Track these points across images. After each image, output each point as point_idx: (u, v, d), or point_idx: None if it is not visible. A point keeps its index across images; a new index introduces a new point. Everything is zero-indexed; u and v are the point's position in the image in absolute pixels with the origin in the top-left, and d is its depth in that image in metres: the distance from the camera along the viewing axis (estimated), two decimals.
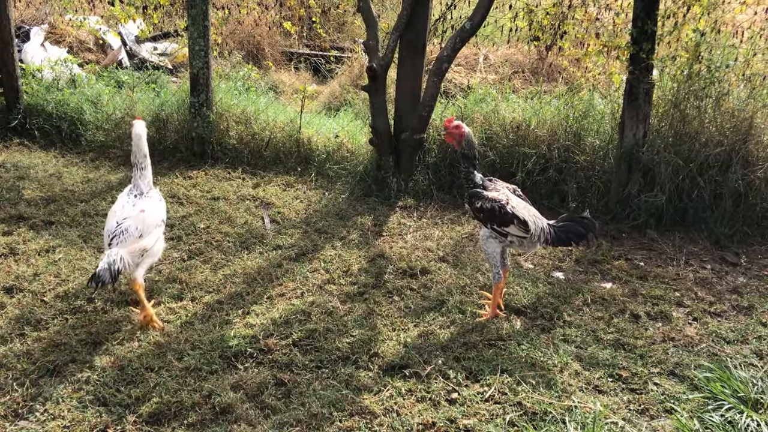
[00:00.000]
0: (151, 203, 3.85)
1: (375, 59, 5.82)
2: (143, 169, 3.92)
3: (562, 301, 4.29)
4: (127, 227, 3.65)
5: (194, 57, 6.61)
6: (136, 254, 3.69)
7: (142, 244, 3.70)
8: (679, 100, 5.43)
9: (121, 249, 3.60)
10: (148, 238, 3.74)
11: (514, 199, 3.97)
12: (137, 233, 3.67)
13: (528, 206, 4.01)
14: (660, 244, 5.27)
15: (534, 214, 3.97)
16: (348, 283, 4.41)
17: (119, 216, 3.71)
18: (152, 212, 3.81)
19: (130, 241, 3.64)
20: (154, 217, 3.82)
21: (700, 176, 5.42)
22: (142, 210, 3.75)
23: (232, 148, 6.72)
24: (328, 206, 5.76)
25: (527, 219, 3.88)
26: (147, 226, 3.73)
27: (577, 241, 3.96)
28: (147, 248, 3.74)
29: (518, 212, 3.89)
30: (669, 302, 4.37)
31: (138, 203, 3.79)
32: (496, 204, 3.88)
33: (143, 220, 3.72)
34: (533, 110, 5.99)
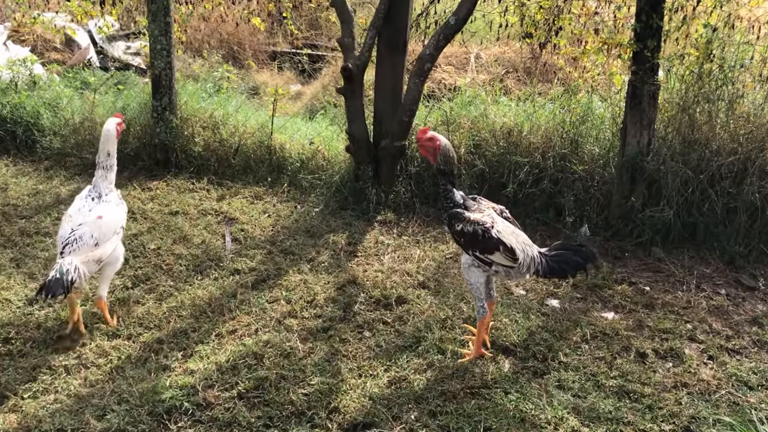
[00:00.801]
0: (109, 208, 3.58)
1: (351, 59, 5.25)
2: (105, 169, 3.65)
3: (557, 337, 3.72)
4: (81, 234, 3.41)
5: (156, 56, 6.03)
6: (91, 263, 3.44)
7: (98, 253, 3.45)
8: (687, 104, 4.86)
9: (75, 257, 3.35)
10: (106, 246, 3.49)
11: (500, 222, 3.42)
12: (92, 241, 3.43)
13: (516, 231, 3.46)
14: (667, 264, 4.70)
15: (523, 240, 3.43)
16: (312, 316, 3.84)
17: (74, 221, 3.47)
18: (110, 218, 3.54)
19: (84, 249, 3.39)
20: (112, 223, 3.55)
21: (712, 188, 4.86)
22: (100, 216, 3.49)
23: (197, 155, 6.14)
24: (298, 222, 5.19)
25: (515, 246, 3.33)
26: (104, 234, 3.48)
27: (573, 272, 3.41)
28: (103, 258, 3.49)
29: (504, 238, 3.34)
30: (680, 336, 3.81)
31: (95, 208, 3.53)
32: (479, 227, 3.33)
33: (100, 227, 3.47)
34: (526, 114, 5.43)
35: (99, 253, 3.46)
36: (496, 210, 3.52)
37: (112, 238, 3.54)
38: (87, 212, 3.51)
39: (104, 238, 3.48)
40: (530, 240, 3.50)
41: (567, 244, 3.50)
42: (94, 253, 3.43)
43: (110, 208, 3.59)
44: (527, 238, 3.47)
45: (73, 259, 3.34)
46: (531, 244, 3.45)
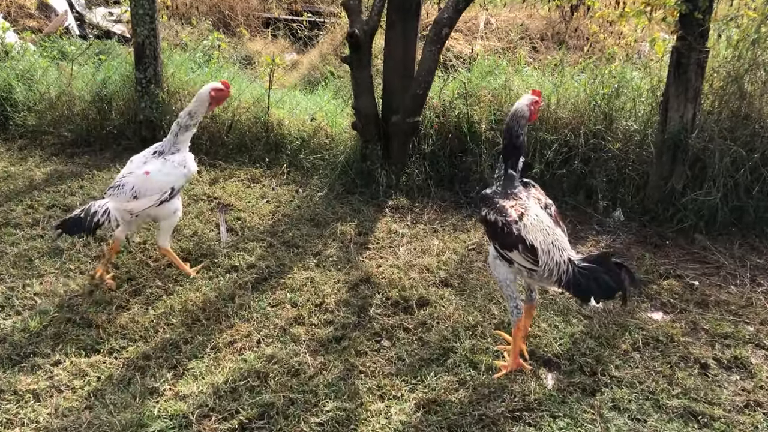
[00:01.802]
0: (161, 167, 3.54)
1: (357, 23, 4.66)
2: (181, 127, 3.63)
3: (604, 345, 3.24)
4: (125, 183, 3.49)
5: (138, 22, 5.41)
6: (125, 213, 3.48)
7: (131, 206, 3.48)
8: (739, 73, 4.31)
9: (112, 202, 3.46)
10: (142, 201, 3.48)
11: (533, 216, 2.87)
12: (131, 193, 3.47)
13: (552, 229, 2.87)
14: (714, 254, 4.21)
15: (554, 242, 2.83)
16: (322, 323, 3.33)
17: (127, 169, 3.57)
18: (157, 177, 3.51)
19: (122, 198, 3.47)
20: (157, 182, 3.51)
21: (764, 167, 4.35)
22: (147, 172, 3.50)
23: None
24: (301, 208, 4.65)
25: (538, 246, 2.80)
26: (145, 189, 3.48)
27: (602, 296, 2.79)
28: (134, 211, 3.49)
29: (528, 235, 2.81)
30: (742, 341, 3.33)
31: (150, 163, 3.55)
32: (501, 218, 2.86)
33: (143, 182, 3.48)
34: (553, 86, 4.87)
35: (132, 206, 3.47)
36: (541, 203, 2.99)
37: (155, 195, 3.50)
38: (141, 164, 3.56)
39: (144, 194, 3.47)
40: (568, 243, 2.90)
41: (604, 258, 2.80)
42: (128, 205, 3.47)
43: (163, 168, 3.54)
44: (565, 240, 2.90)
45: (109, 203, 3.44)
46: (566, 247, 2.86)
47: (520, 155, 3.04)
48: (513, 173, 3.02)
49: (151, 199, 3.50)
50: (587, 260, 2.83)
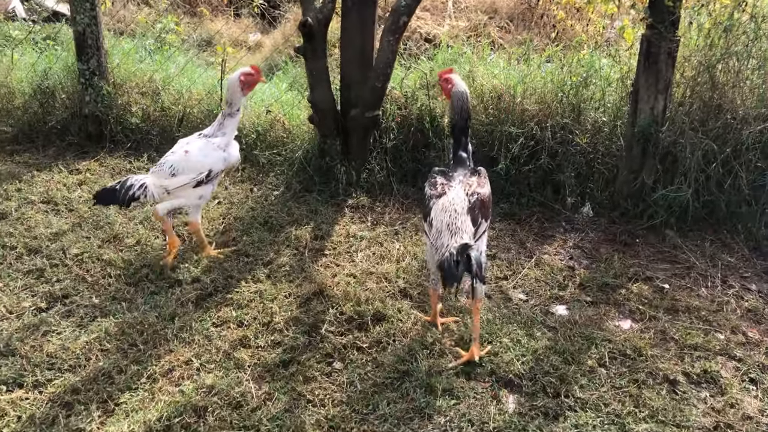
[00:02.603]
0: (202, 148, 3.59)
1: (310, 11, 4.36)
2: (224, 116, 3.67)
3: (569, 361, 3.06)
4: (165, 161, 3.58)
5: (78, 9, 5.05)
6: (160, 189, 3.55)
7: (166, 183, 3.54)
8: (711, 62, 4.11)
9: (151, 178, 3.56)
10: (178, 179, 3.54)
11: (450, 196, 2.93)
12: (170, 171, 3.54)
13: (459, 214, 2.86)
14: (685, 252, 4.05)
15: (453, 224, 2.82)
16: (269, 345, 3.11)
17: (173, 148, 3.65)
18: (195, 157, 3.56)
19: (161, 174, 3.56)
20: (194, 163, 3.56)
21: (736, 161, 4.18)
22: (186, 151, 3.57)
23: (135, 128, 5.25)
24: (255, 210, 4.39)
25: (434, 223, 2.89)
26: (182, 168, 3.54)
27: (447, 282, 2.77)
28: (168, 188, 3.54)
29: (436, 212, 2.91)
30: (712, 353, 3.18)
31: (192, 143, 3.62)
32: (428, 191, 3.04)
33: (181, 161, 3.55)
34: (519, 76, 4.62)
35: (168, 183, 3.53)
36: (469, 189, 2.97)
37: (192, 175, 3.54)
38: (185, 144, 3.64)
39: (180, 172, 3.53)
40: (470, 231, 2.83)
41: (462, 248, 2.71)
42: (165, 182, 3.53)
43: (203, 149, 3.59)
44: (470, 228, 2.85)
45: (148, 179, 3.53)
46: (466, 237, 2.79)
47: (467, 136, 3.18)
48: (463, 155, 3.15)
49: (187, 177, 3.55)
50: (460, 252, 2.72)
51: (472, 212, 2.90)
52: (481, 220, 2.93)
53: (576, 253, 4.06)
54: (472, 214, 2.90)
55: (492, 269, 3.84)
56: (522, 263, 3.92)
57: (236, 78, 3.63)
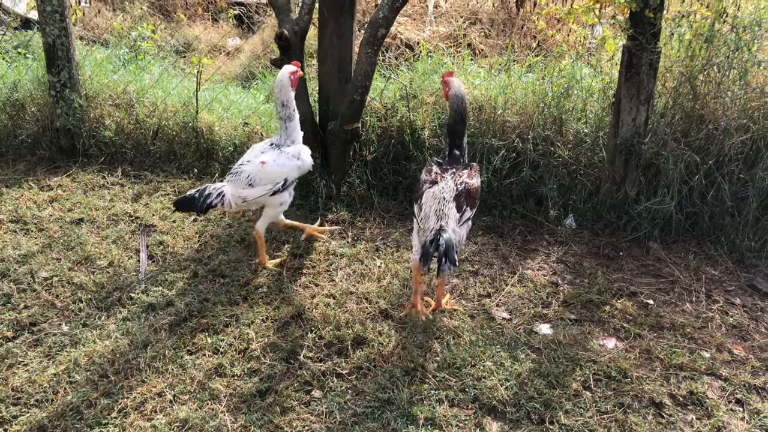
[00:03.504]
0: (276, 158, 3.64)
1: (286, 23, 4.26)
2: (283, 120, 3.70)
3: (553, 384, 3.00)
4: (242, 171, 3.63)
5: (47, 21, 4.89)
6: (238, 198, 3.62)
7: (245, 193, 3.61)
8: (693, 73, 4.07)
9: (228, 186, 3.63)
10: (254, 190, 3.61)
11: (441, 186, 3.18)
12: (246, 181, 3.61)
13: (447, 202, 3.12)
14: (669, 266, 4.02)
15: (440, 210, 3.10)
16: (245, 373, 3.01)
17: (246, 157, 3.71)
18: (272, 169, 3.62)
19: (237, 184, 3.62)
20: (271, 174, 3.63)
21: (719, 172, 4.15)
22: (263, 162, 3.62)
23: (109, 141, 5.11)
24: (232, 227, 4.28)
25: (424, 207, 3.16)
26: (259, 178, 3.61)
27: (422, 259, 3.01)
28: (247, 199, 3.62)
29: (426, 198, 3.17)
30: (698, 372, 3.13)
31: (267, 153, 3.67)
32: (423, 177, 3.31)
33: (257, 172, 3.61)
34: (500, 87, 4.56)
35: (246, 194, 3.60)
36: (458, 180, 3.21)
37: (268, 186, 3.62)
38: (259, 153, 3.68)
39: (257, 182, 3.60)
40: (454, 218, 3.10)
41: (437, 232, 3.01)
42: (243, 192, 3.60)
43: (278, 159, 3.64)
44: (455, 214, 3.12)
45: (225, 187, 3.61)
46: (450, 222, 3.07)
47: (462, 136, 3.39)
48: (457, 153, 3.36)
49: (264, 188, 3.63)
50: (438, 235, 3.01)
51: (457, 199, 3.15)
52: (465, 208, 3.18)
53: (559, 268, 4.00)
54: (458, 201, 3.15)
55: (475, 286, 3.77)
56: (505, 279, 3.85)
57: (287, 77, 3.62)
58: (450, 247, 2.92)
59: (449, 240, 2.94)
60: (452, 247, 2.93)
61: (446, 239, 2.94)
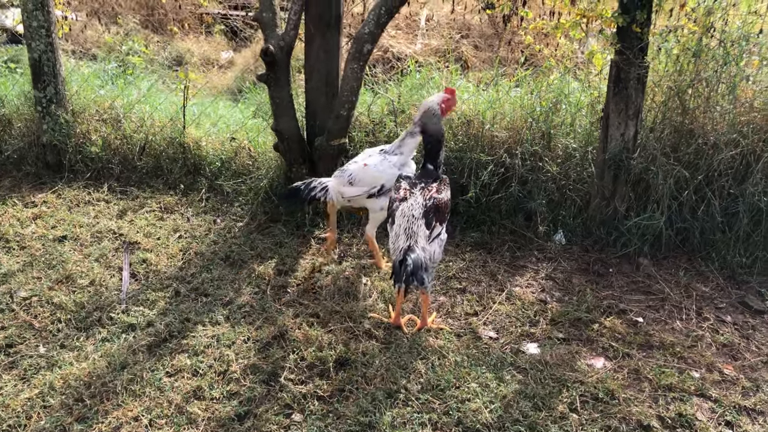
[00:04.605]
0: (378, 164, 3.77)
1: (272, 39, 4.23)
2: (407, 133, 3.77)
3: (539, 407, 2.93)
4: (346, 168, 3.82)
5: (33, 36, 4.87)
6: (337, 194, 3.80)
7: (345, 190, 3.78)
8: (681, 88, 4.04)
9: (333, 182, 3.83)
10: (354, 189, 3.77)
11: (410, 203, 3.21)
12: (348, 179, 3.78)
13: (415, 219, 3.16)
14: (659, 282, 3.96)
15: (410, 230, 3.14)
16: (224, 396, 2.94)
17: (357, 158, 3.88)
18: (372, 171, 3.75)
19: (340, 180, 3.80)
20: (369, 176, 3.76)
21: (708, 188, 4.11)
22: (365, 164, 3.77)
23: (95, 157, 5.07)
24: (217, 244, 4.23)
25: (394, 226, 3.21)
26: (359, 179, 3.76)
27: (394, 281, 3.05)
28: (347, 195, 3.79)
29: (397, 216, 3.21)
30: (687, 393, 3.07)
31: (372, 157, 3.81)
32: (393, 195, 3.34)
33: (359, 172, 3.77)
34: (488, 102, 4.52)
35: (344, 190, 3.78)
36: (426, 195, 3.24)
37: (365, 188, 3.74)
38: (366, 156, 3.84)
39: (357, 182, 3.75)
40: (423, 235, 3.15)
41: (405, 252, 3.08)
42: (343, 188, 3.79)
43: (379, 165, 3.76)
44: (424, 231, 3.16)
45: (330, 181, 3.83)
46: (420, 240, 3.12)
47: (438, 150, 3.41)
48: (430, 167, 3.40)
49: (360, 189, 3.76)
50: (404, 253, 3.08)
51: (426, 216, 3.19)
52: (435, 224, 3.21)
53: (548, 285, 3.94)
54: (427, 217, 3.18)
55: (462, 304, 3.72)
56: (493, 297, 3.80)
57: (437, 106, 3.55)
58: (418, 266, 2.95)
59: (417, 259, 2.99)
60: (421, 267, 2.97)
61: (414, 259, 2.98)
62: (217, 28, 8.04)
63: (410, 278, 2.93)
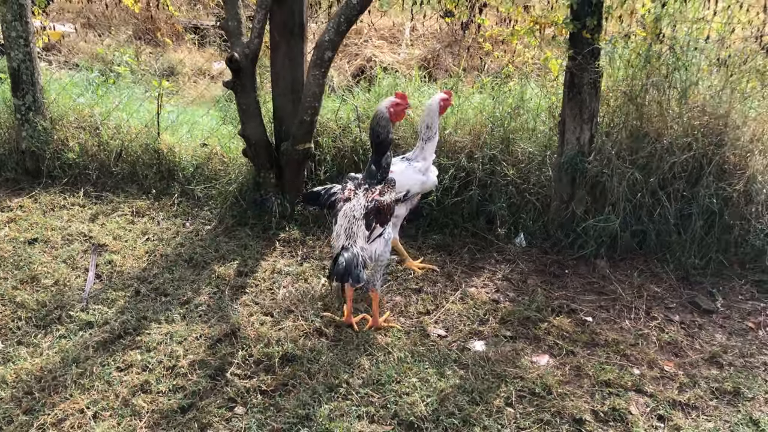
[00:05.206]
0: (404, 170, 3.89)
1: (238, 46, 4.35)
2: (423, 140, 3.94)
3: (476, 401, 3.01)
4: None
5: (11, 46, 5.02)
6: None
7: None
8: (635, 93, 4.13)
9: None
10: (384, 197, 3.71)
11: (352, 204, 3.28)
12: None
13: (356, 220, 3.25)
14: (613, 283, 4.03)
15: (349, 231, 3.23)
16: (170, 390, 3.04)
17: None
18: (398, 178, 3.65)
19: None
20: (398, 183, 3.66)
21: (663, 191, 4.18)
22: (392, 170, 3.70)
23: (73, 163, 5.20)
24: (184, 245, 4.34)
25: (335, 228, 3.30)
26: None
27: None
28: None
29: (339, 215, 3.30)
30: (624, 388, 3.13)
31: (397, 165, 3.87)
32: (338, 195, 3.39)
33: None
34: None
35: None
36: (368, 198, 3.29)
37: None
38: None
39: None
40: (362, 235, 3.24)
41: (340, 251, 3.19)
42: None
43: (406, 171, 3.89)
44: (364, 232, 3.25)
45: None
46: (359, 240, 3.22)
47: (383, 153, 3.41)
48: (373, 168, 3.42)
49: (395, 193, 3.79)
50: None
51: (367, 217, 3.25)
52: (375, 225, 3.27)
53: (503, 286, 4.02)
54: (367, 219, 3.25)
55: (416, 304, 3.80)
56: (447, 297, 3.88)
57: (437, 103, 3.84)
58: (351, 265, 3.07)
59: (350, 258, 3.10)
60: (355, 265, 3.09)
61: (347, 258, 3.09)
62: (188, 36, 8.20)
63: (345, 276, 3.02)
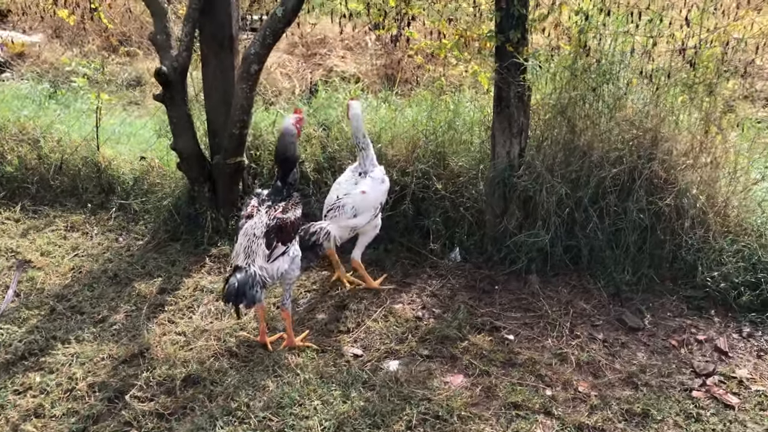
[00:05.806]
0: (372, 185, 3.84)
1: (166, 60, 4.30)
2: (363, 149, 3.87)
3: (377, 424, 2.94)
4: (344, 204, 3.76)
5: None
6: (345, 230, 3.79)
7: (352, 223, 3.79)
8: (563, 106, 4.07)
9: (333, 224, 3.73)
10: (361, 218, 3.80)
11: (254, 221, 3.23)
12: (352, 212, 3.76)
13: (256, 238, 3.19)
14: (541, 300, 3.97)
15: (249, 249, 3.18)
16: (64, 414, 2.98)
17: (341, 191, 3.82)
18: (372, 195, 3.81)
19: (343, 218, 3.75)
20: (372, 199, 3.82)
21: (594, 205, 4.12)
22: (363, 191, 3.78)
23: (11, 176, 5.15)
24: (112, 261, 4.28)
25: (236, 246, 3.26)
26: (363, 207, 3.78)
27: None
28: (357, 227, 3.82)
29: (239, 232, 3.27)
30: (532, 411, 3.07)
31: (360, 183, 3.83)
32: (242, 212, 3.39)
33: (361, 201, 3.77)
34: (385, 122, 4.57)
35: (354, 223, 3.78)
36: (270, 215, 3.24)
37: (370, 211, 3.80)
38: (353, 185, 3.81)
39: (362, 211, 3.78)
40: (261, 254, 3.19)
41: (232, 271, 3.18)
42: (349, 222, 3.76)
43: (373, 185, 3.83)
44: (263, 251, 3.19)
45: (330, 224, 3.70)
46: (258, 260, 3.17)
47: (290, 169, 3.39)
48: (278, 185, 3.39)
49: (369, 215, 3.82)
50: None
51: (267, 236, 3.19)
52: (276, 244, 3.22)
53: (430, 302, 3.96)
54: (268, 237, 3.19)
55: (337, 322, 3.74)
56: (371, 314, 3.81)
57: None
58: (245, 285, 3.01)
59: (242, 280, 3.03)
60: (250, 286, 3.03)
61: (240, 279, 3.02)
62: (123, 49, 8.19)
63: (239, 297, 2.97)
